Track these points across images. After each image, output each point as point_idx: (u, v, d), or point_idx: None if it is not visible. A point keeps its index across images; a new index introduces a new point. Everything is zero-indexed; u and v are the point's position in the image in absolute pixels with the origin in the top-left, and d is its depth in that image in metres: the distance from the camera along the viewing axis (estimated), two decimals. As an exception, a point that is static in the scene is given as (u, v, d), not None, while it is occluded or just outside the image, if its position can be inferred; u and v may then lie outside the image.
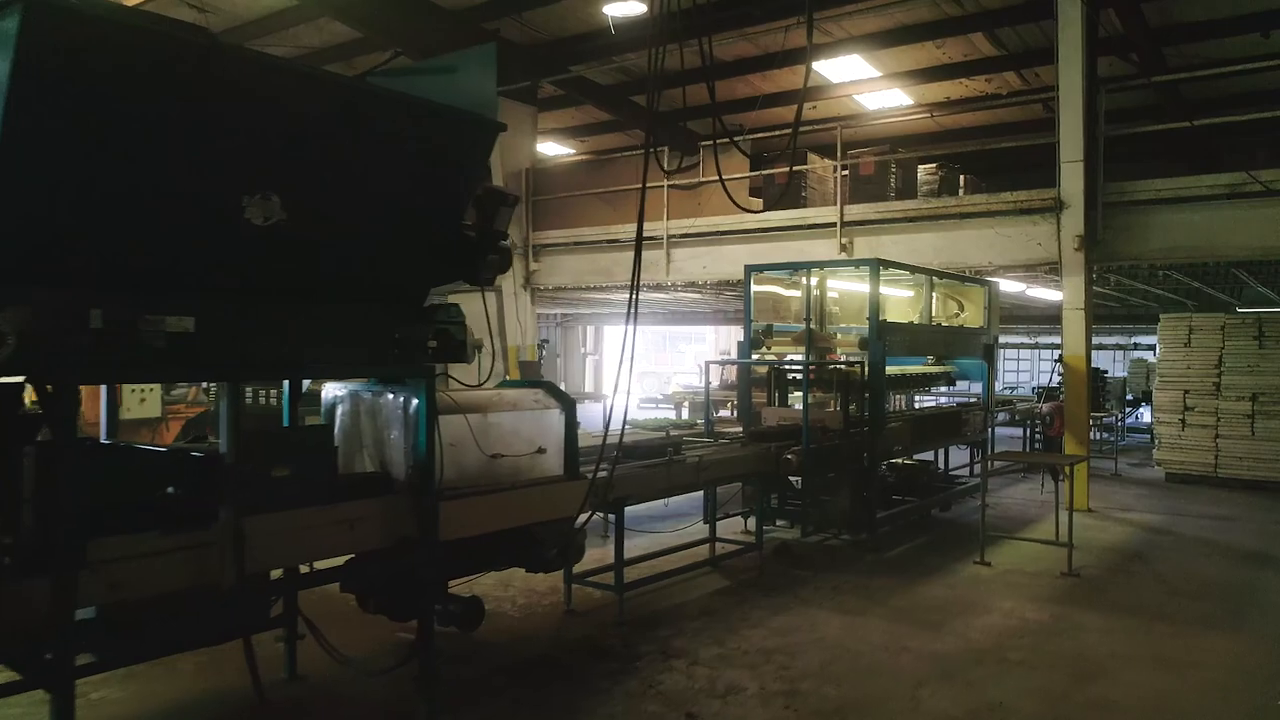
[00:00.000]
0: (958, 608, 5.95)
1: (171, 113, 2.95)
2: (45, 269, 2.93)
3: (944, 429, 9.13)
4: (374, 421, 4.33)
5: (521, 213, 14.05)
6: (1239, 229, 8.93)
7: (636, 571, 6.42)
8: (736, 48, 13.03)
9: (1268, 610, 6.11)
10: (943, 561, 7.19)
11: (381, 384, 4.29)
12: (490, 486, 4.43)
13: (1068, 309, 9.53)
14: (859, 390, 7.58)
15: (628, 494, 5.47)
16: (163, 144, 2.98)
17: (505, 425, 4.63)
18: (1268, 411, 11.15)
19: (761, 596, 6.13)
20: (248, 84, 3.14)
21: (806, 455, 6.75)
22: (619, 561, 5.56)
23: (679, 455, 6.00)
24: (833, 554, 7.45)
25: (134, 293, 3.10)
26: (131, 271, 3.13)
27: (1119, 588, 6.57)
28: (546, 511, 4.63)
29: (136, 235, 3.10)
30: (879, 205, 11.03)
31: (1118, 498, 10.47)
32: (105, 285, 3.04)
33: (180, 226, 3.18)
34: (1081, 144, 9.28)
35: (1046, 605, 6.05)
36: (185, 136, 3.02)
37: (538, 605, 5.90)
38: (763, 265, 8.60)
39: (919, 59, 13.44)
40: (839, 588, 6.38)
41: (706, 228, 12.32)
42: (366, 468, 4.36)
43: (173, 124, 2.97)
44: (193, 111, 2.99)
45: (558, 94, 15.06)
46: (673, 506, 7.87)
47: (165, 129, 2.96)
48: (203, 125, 3.04)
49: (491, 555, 4.51)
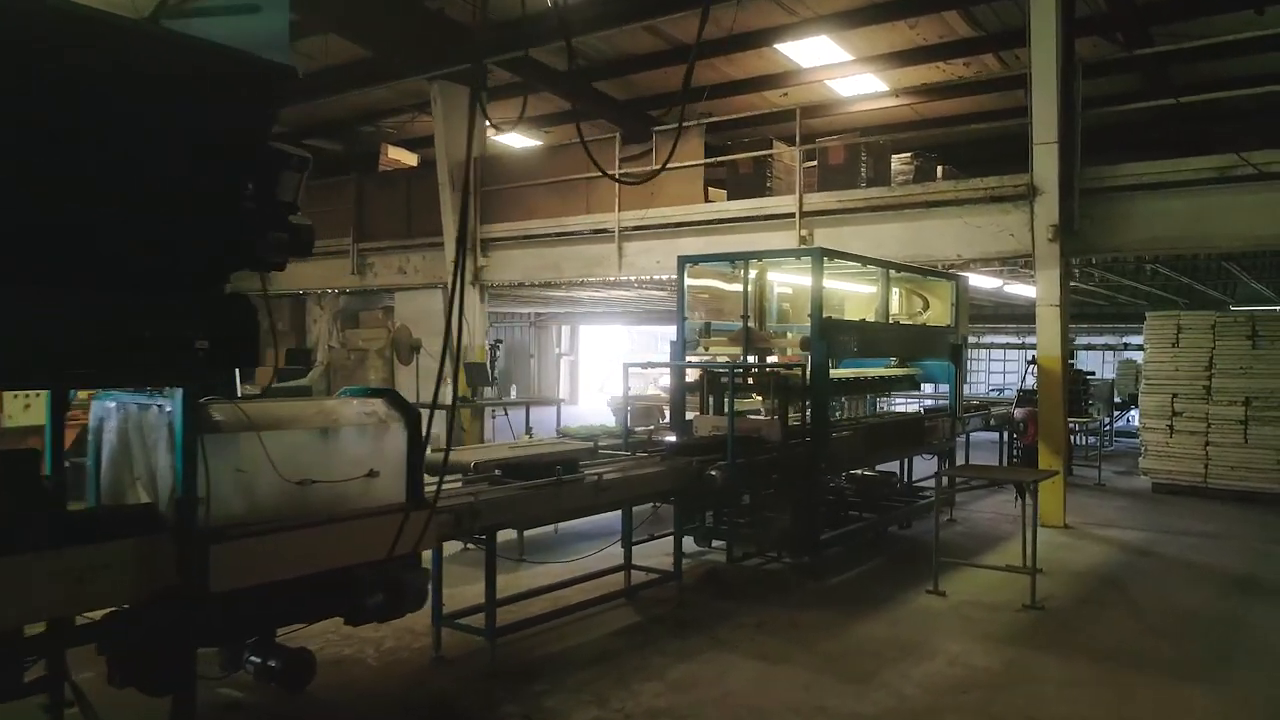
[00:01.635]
0: (897, 652, 5.11)
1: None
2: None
3: (904, 438, 8.29)
4: (143, 441, 3.49)
5: (470, 205, 13.23)
6: (1229, 216, 8.10)
7: (539, 605, 5.61)
8: (696, 26, 12.15)
9: (1257, 654, 5.26)
10: (891, 591, 6.35)
11: (148, 394, 3.45)
12: (297, 521, 3.59)
13: (1041, 305, 8.71)
14: (800, 396, 6.74)
15: (499, 521, 4.63)
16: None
17: (320, 444, 3.79)
18: (1261, 417, 10.31)
19: (671, 637, 5.29)
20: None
21: (732, 471, 5.90)
22: (490, 602, 4.71)
23: (576, 473, 5.15)
24: (767, 581, 6.61)
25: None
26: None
27: (1087, 624, 5.72)
28: (374, 549, 3.78)
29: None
30: (840, 194, 10.20)
31: (1098, 511, 9.63)
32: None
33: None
34: (1056, 124, 8.45)
35: (1001, 648, 5.20)
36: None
37: (406, 650, 5.05)
38: (696, 256, 7.74)
39: (892, 41, 12.59)
40: (764, 625, 5.54)
41: (660, 219, 11.48)
42: (141, 499, 3.53)
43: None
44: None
45: (515, 81, 14.23)
46: (603, 525, 7.02)
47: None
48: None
49: (293, 607, 3.66)
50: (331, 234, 14.93)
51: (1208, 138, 12.52)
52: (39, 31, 2.65)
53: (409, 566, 3.99)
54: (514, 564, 6.72)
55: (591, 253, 12.20)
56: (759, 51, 12.73)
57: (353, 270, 14.63)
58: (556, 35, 11.69)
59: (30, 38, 2.63)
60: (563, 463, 5.19)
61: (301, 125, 17.24)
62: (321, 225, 14.83)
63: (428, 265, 13.76)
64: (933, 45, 12.59)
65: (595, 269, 12.24)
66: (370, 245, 14.55)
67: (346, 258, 14.66)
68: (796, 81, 13.71)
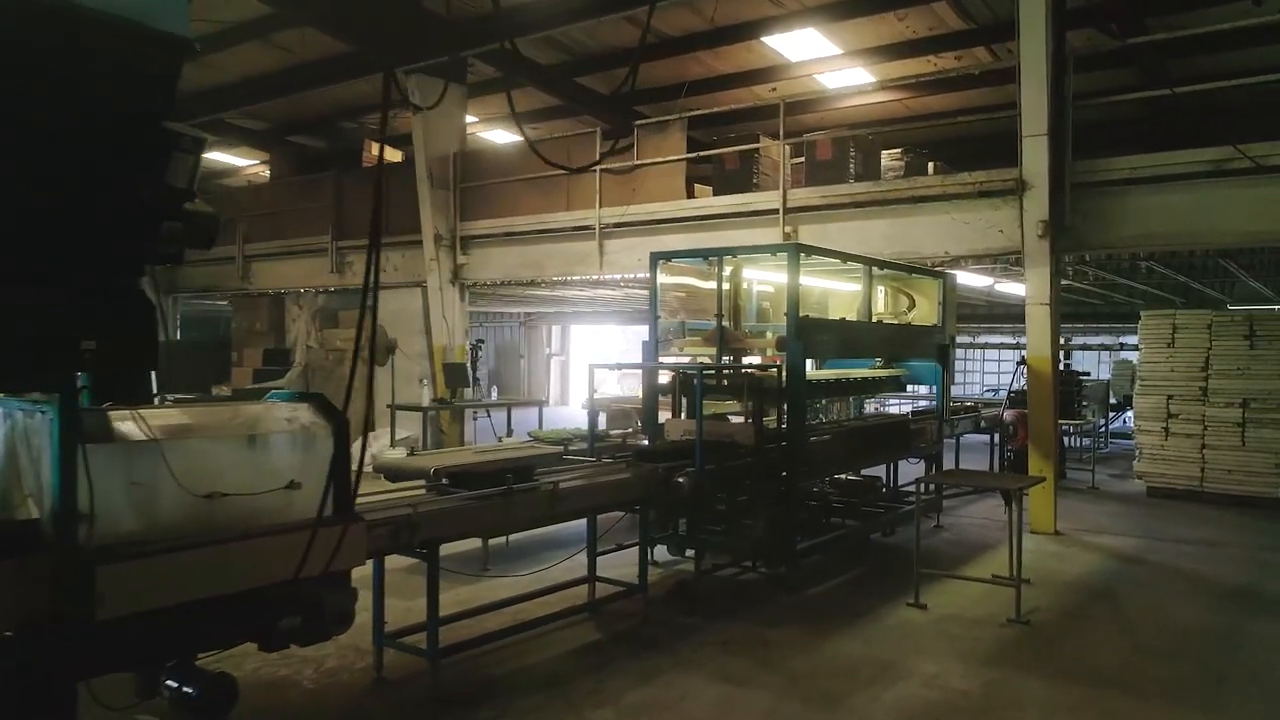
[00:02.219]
0: (870, 672, 4.79)
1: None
2: None
3: (888, 442, 7.97)
4: (29, 450, 3.18)
5: (449, 202, 12.92)
6: (1225, 211, 7.78)
7: (498, 620, 5.32)
8: (680, 19, 11.86)
9: (1255, 675, 4.95)
10: (869, 604, 6.03)
11: (34, 401, 3.14)
12: (201, 538, 3.28)
13: (1031, 304, 8.38)
14: (777, 399, 6.43)
15: (441, 534, 4.32)
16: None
17: (234, 454, 3.48)
18: (1260, 419, 10.00)
19: (631, 657, 4.97)
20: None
21: (700, 478, 5.59)
22: (432, 620, 4.40)
23: (530, 482, 4.84)
24: (740, 594, 6.29)
25: None
26: None
27: (1074, 641, 5.41)
28: (289, 568, 3.46)
29: None
30: (824, 189, 9.88)
31: (1091, 517, 9.32)
32: None
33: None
34: (1046, 116, 8.13)
35: (981, 668, 4.89)
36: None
37: (348, 671, 4.74)
38: (668, 253, 7.42)
39: (881, 34, 12.28)
40: (731, 642, 5.22)
41: (642, 215, 11.16)
42: (31, 514, 3.22)
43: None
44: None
45: (497, 76, 13.90)
46: (578, 531, 6.69)
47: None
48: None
49: (196, 634, 3.34)
50: (311, 232, 14.64)
51: (1203, 133, 12.24)
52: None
53: (335, 585, 3.68)
54: (477, 575, 6.43)
55: (573, 250, 11.89)
56: (746, 45, 12.44)
57: (332, 269, 14.30)
58: (533, 27, 11.46)
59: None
60: (517, 470, 4.87)
61: (284, 121, 16.94)
62: (301, 223, 14.51)
63: (407, 263, 13.44)
64: (923, 38, 12.28)
65: (577, 267, 11.93)
66: (350, 243, 14.22)
67: (326, 256, 14.34)
68: (785, 76, 13.41)
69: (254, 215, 15.55)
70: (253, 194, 18.01)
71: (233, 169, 20.07)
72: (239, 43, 12.48)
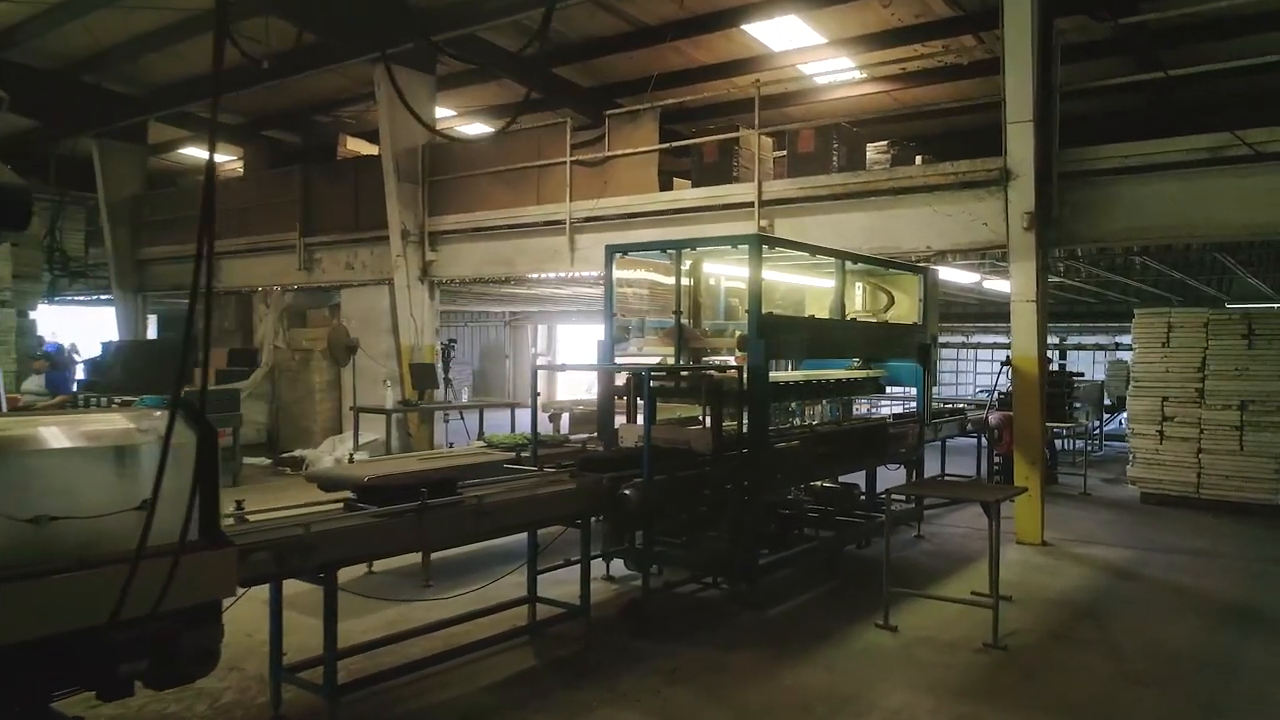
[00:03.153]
0: (829, 706, 4.32)
1: None
2: None
3: (863, 447, 7.50)
4: None
5: (417, 196, 12.45)
6: (1221, 202, 7.33)
7: (428, 644, 4.85)
8: (657, 6, 11.39)
9: (1253, 708, 4.49)
10: (836, 624, 5.56)
11: None
12: (16, 570, 2.81)
13: (1016, 300, 7.92)
14: (738, 402, 5.96)
15: (340, 556, 3.85)
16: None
17: (72, 470, 3.01)
18: (1258, 423, 9.52)
19: (563, 687, 4.50)
20: None
21: (649, 489, 5.12)
22: (330, 652, 3.91)
23: (450, 496, 4.37)
24: (698, 612, 5.82)
25: None
26: None
27: (1055, 669, 4.94)
28: (143, 602, 2.98)
29: None
30: (801, 181, 9.42)
31: (1081, 525, 8.85)
32: None
33: None
34: (1031, 101, 7.67)
35: (950, 701, 4.42)
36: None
37: (244, 707, 4.26)
38: (624, 245, 6.94)
39: (865, 21, 11.79)
40: (679, 671, 4.75)
41: (614, 209, 10.69)
42: None
43: None
44: None
45: (469, 67, 13.42)
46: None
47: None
48: None
49: (10, 684, 2.86)
50: (278, 228, 14.16)
51: (1203, 126, 11.77)
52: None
53: (197, 621, 3.21)
54: (413, 594, 5.96)
55: (544, 246, 11.42)
56: (726, 34, 11.96)
57: (300, 266, 13.83)
58: (504, 12, 10.97)
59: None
60: (438, 483, 4.41)
61: (257, 115, 16.46)
62: (269, 219, 13.95)
63: (376, 260, 12.97)
64: (909, 26, 11.79)
65: (548, 263, 11.46)
66: (318, 240, 13.75)
67: (293, 253, 13.86)
68: (768, 66, 12.90)
69: (221, 210, 15.04)
70: (220, 189, 17.53)
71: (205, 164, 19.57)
72: (203, 32, 12.00)
